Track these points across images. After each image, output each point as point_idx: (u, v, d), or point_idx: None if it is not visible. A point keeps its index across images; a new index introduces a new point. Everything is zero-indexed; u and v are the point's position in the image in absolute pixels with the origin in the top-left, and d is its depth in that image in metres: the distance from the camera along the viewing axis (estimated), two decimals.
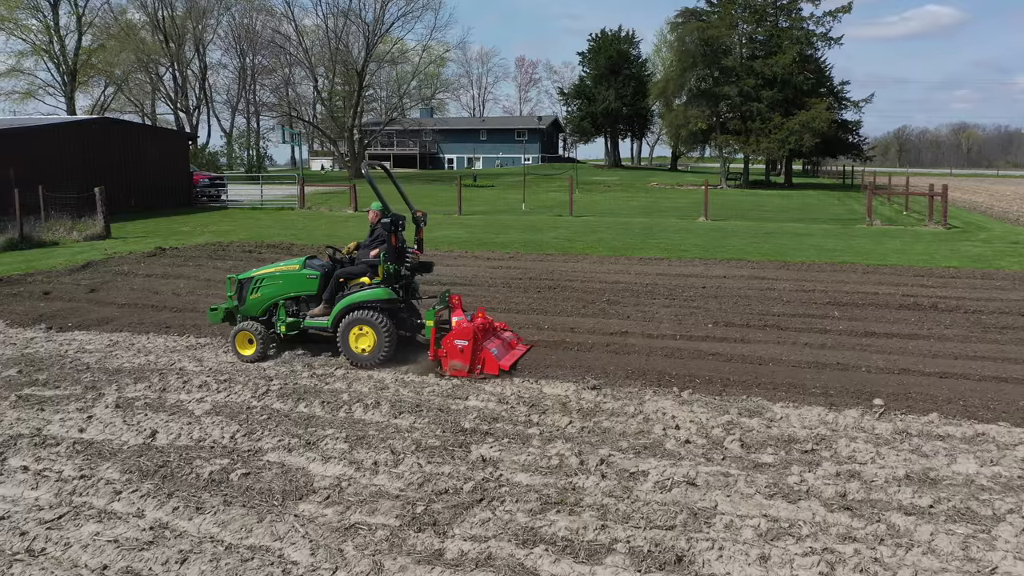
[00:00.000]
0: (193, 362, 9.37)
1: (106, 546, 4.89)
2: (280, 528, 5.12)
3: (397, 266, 9.13)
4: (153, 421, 7.19)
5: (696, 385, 8.34)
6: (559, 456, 6.34)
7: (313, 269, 9.53)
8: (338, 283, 9.36)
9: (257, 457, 6.40)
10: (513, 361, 8.99)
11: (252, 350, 9.43)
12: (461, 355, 8.63)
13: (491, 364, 8.68)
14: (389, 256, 9.04)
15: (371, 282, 9.17)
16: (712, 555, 4.81)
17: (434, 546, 4.92)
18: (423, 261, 9.73)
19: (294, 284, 9.54)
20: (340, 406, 7.62)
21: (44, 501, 5.61)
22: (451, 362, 8.68)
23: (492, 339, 9.11)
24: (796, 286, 14.31)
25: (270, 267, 9.91)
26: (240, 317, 9.80)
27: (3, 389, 8.29)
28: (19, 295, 13.63)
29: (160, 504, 5.49)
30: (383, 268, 9.02)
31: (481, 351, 8.72)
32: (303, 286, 9.52)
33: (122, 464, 6.22)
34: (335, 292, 9.33)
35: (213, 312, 10.03)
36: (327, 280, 9.44)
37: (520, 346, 9.65)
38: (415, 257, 9.59)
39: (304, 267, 9.58)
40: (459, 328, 8.76)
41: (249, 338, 9.46)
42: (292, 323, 9.53)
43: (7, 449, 6.54)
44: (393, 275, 9.07)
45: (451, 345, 8.67)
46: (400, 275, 9.22)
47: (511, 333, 9.77)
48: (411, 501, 5.53)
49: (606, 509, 5.44)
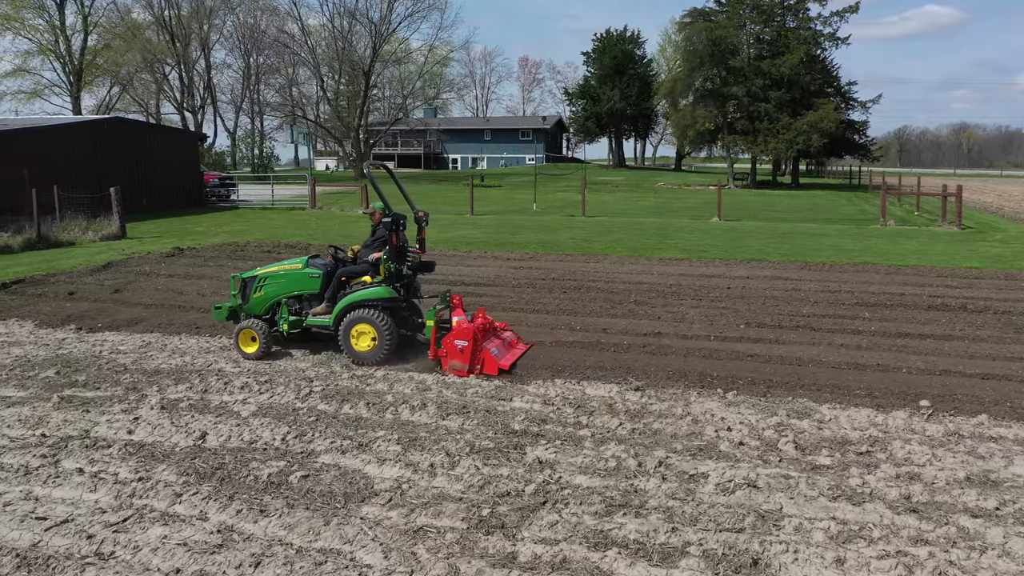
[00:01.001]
0: (230, 363, 9.34)
1: (176, 549, 4.86)
2: (348, 531, 5.09)
3: (398, 265, 9.20)
4: (201, 423, 7.16)
5: (739, 387, 8.30)
6: (615, 458, 6.31)
7: (315, 268, 9.63)
8: (340, 282, 9.44)
9: (311, 459, 6.37)
10: (513, 360, 9.02)
11: (255, 348, 9.53)
12: (461, 355, 8.68)
13: (490, 364, 8.71)
14: (390, 255, 9.11)
15: (372, 281, 9.23)
16: (787, 558, 4.78)
17: (506, 549, 4.89)
18: (424, 260, 9.79)
19: (297, 283, 9.65)
20: (386, 407, 7.58)
21: (104, 503, 5.58)
22: (451, 362, 8.74)
23: (492, 339, 9.16)
24: (821, 287, 14.27)
25: (273, 266, 10.03)
26: (244, 315, 9.90)
27: (43, 390, 8.26)
28: (44, 295, 13.60)
29: (223, 507, 5.46)
30: (384, 267, 9.09)
31: (481, 351, 8.76)
32: (306, 285, 9.62)
33: (177, 466, 6.19)
34: (337, 291, 9.42)
35: (217, 310, 10.14)
36: (329, 279, 9.54)
37: (520, 345, 9.66)
38: (416, 257, 9.64)
39: (307, 266, 9.69)
40: (459, 328, 8.82)
41: (252, 336, 9.56)
42: (295, 321, 9.62)
43: (59, 451, 6.51)
44: (394, 274, 9.15)
45: (451, 345, 8.73)
46: (401, 274, 9.29)
47: (511, 333, 9.80)
48: (475, 504, 5.50)
49: (672, 512, 5.41)
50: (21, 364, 9.32)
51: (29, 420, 7.31)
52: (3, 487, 5.85)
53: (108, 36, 59.22)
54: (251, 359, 9.46)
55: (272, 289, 9.73)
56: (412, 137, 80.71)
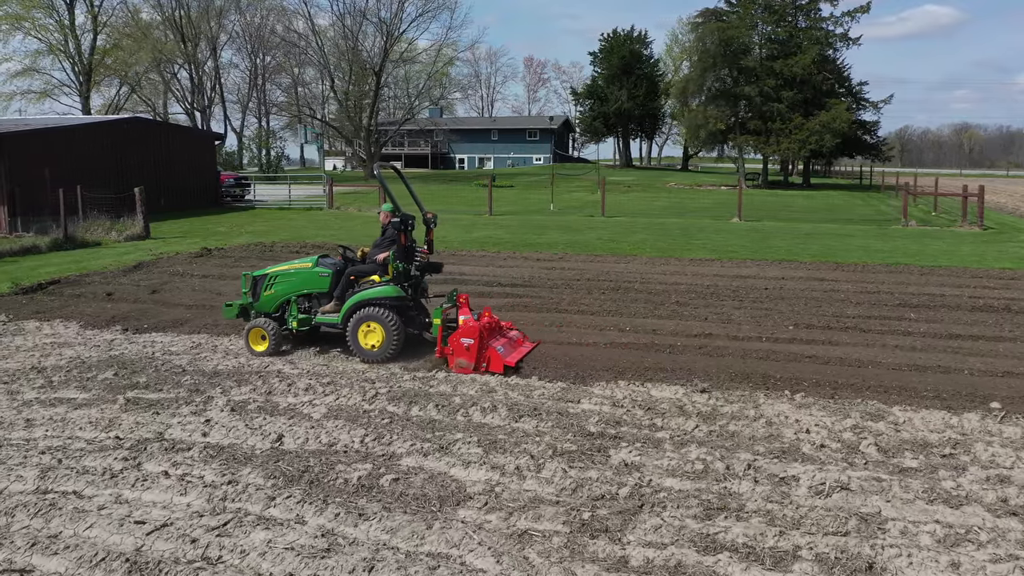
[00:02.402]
0: (287, 364, 9.31)
1: (285, 554, 4.82)
2: (453, 535, 5.05)
3: (406, 265, 9.30)
4: (274, 425, 7.13)
5: (805, 388, 8.26)
6: (701, 461, 6.27)
7: (325, 267, 9.76)
8: (349, 281, 9.56)
9: (394, 462, 6.33)
10: (519, 358, 9.08)
11: (265, 346, 9.64)
12: (467, 353, 8.77)
13: (496, 361, 8.80)
14: (398, 255, 9.23)
15: (380, 280, 9.35)
16: (902, 562, 4.74)
17: (616, 553, 4.86)
18: (432, 262, 9.88)
19: (306, 281, 9.78)
20: (456, 409, 7.55)
21: (198, 507, 5.55)
22: (457, 360, 8.82)
23: (498, 337, 9.23)
24: (859, 288, 14.22)
25: (284, 264, 10.17)
26: (254, 313, 9.99)
27: (106, 392, 8.23)
28: (83, 296, 13.57)
29: (319, 510, 5.42)
30: (392, 267, 9.22)
31: (487, 349, 8.84)
32: (315, 283, 9.74)
33: (262, 469, 6.15)
34: (346, 290, 9.53)
35: (228, 308, 10.23)
36: (338, 278, 9.65)
37: (526, 344, 9.70)
38: (424, 257, 9.72)
39: (316, 265, 9.82)
40: (465, 326, 8.93)
41: (262, 334, 9.67)
42: (304, 319, 9.74)
43: (139, 453, 6.48)
44: (402, 274, 9.26)
45: (457, 343, 8.82)
46: (409, 274, 9.39)
47: (517, 332, 9.86)
48: (573, 507, 5.46)
49: (772, 515, 5.37)
50: (76, 365, 9.29)
51: (100, 422, 7.28)
52: (92, 490, 5.82)
53: (117, 36, 59.18)
54: (260, 357, 9.56)
55: (282, 287, 9.84)
56: (419, 137, 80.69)
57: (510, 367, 8.81)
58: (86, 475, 6.05)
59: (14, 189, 23.80)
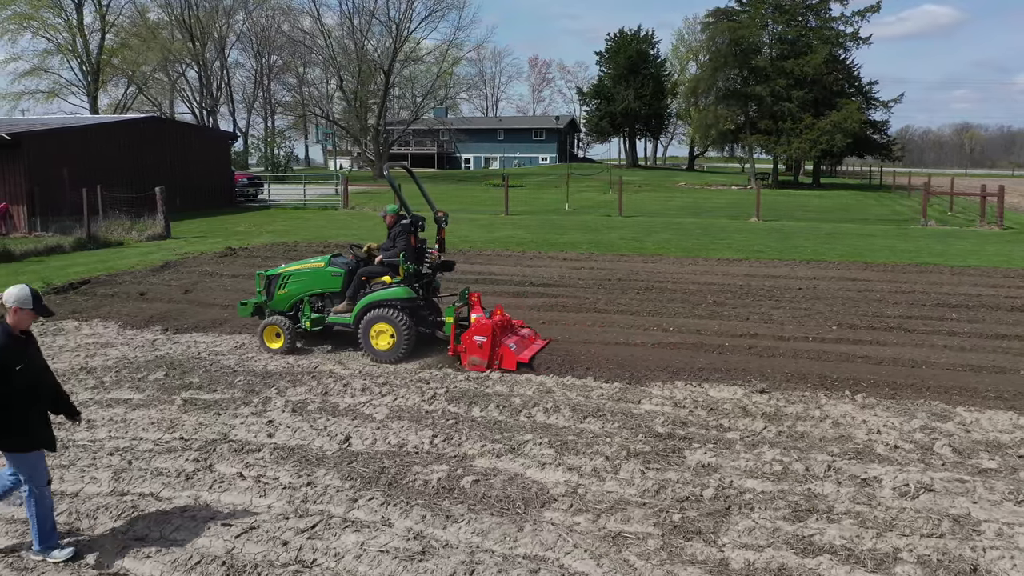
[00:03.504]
0: (337, 365, 9.26)
1: (380, 557, 4.77)
2: (546, 537, 5.00)
3: (416, 266, 9.38)
4: (339, 426, 7.07)
5: (864, 389, 8.20)
6: (778, 462, 6.22)
7: (337, 267, 9.86)
8: (361, 281, 9.63)
9: (468, 463, 6.28)
10: (531, 355, 9.12)
11: (280, 343, 9.74)
12: (480, 350, 8.84)
13: (509, 359, 8.86)
14: (408, 256, 9.28)
15: (392, 281, 9.41)
16: (1006, 564, 4.69)
17: (714, 556, 4.80)
18: (444, 260, 9.95)
19: (319, 281, 9.89)
20: (518, 410, 7.49)
21: (280, 509, 5.50)
22: (470, 357, 8.89)
23: (510, 335, 9.28)
24: (892, 287, 14.16)
25: (297, 264, 10.28)
26: (268, 311, 10.09)
27: (161, 392, 8.18)
28: (116, 296, 13.52)
29: (404, 512, 5.37)
30: (403, 268, 9.28)
31: (499, 346, 8.90)
32: (328, 283, 9.85)
33: (337, 470, 6.10)
34: (358, 290, 9.62)
35: (243, 306, 10.37)
36: (350, 278, 9.74)
37: (538, 341, 9.73)
38: (434, 257, 9.79)
39: (329, 265, 9.91)
40: (478, 324, 8.99)
41: (277, 332, 9.77)
42: (317, 319, 9.81)
43: (208, 455, 6.42)
44: (413, 274, 9.32)
45: (470, 341, 8.89)
46: (420, 274, 9.46)
47: (529, 330, 9.90)
48: (660, 509, 5.41)
49: (863, 516, 5.32)
50: (124, 366, 9.24)
51: (161, 423, 7.23)
52: (169, 492, 5.77)
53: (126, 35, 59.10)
54: (276, 354, 9.65)
55: (295, 287, 9.95)
56: (425, 137, 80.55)
57: (523, 364, 8.88)
58: (160, 477, 5.99)
59: (33, 188, 23.74)
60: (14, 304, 4.75)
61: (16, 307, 4.76)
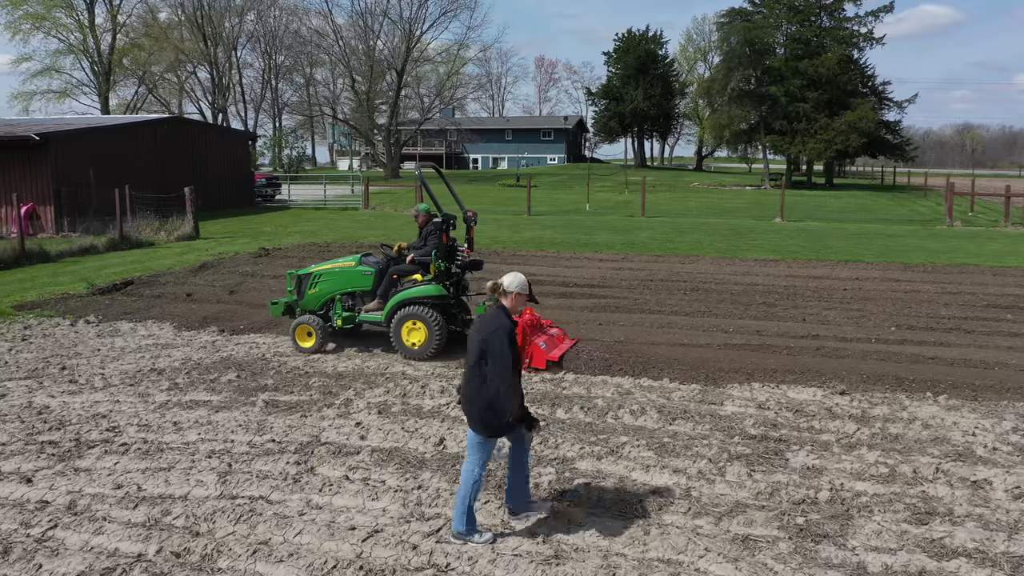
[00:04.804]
0: (407, 366, 9.23)
1: (516, 560, 4.74)
2: (676, 540, 4.97)
3: (447, 264, 9.47)
4: (430, 428, 7.05)
5: (944, 390, 8.17)
6: (883, 464, 6.20)
7: (368, 266, 9.95)
8: (391, 280, 9.72)
9: (570, 465, 6.26)
10: (561, 354, 9.18)
11: (312, 342, 9.83)
12: None
13: (539, 357, 8.92)
14: (440, 254, 9.37)
15: (423, 279, 9.49)
16: None
17: (850, 559, 4.78)
18: (473, 259, 10.03)
19: (350, 280, 9.98)
20: (603, 412, 7.47)
21: (395, 512, 5.47)
22: None
23: (539, 334, 9.32)
24: (939, 288, 14.13)
25: (328, 263, 10.37)
26: (299, 311, 10.18)
27: (237, 394, 8.15)
28: (163, 296, 13.50)
29: (525, 516, 5.34)
30: (435, 266, 9.37)
31: (530, 345, 8.92)
32: (359, 282, 9.95)
33: (442, 473, 6.08)
34: (389, 288, 9.71)
35: (274, 306, 10.51)
36: (381, 276, 9.84)
37: (567, 340, 9.76)
38: (465, 256, 9.87)
39: (360, 264, 9.99)
40: None
41: (309, 331, 9.86)
42: (348, 317, 9.91)
43: (307, 457, 6.40)
44: (444, 272, 9.41)
45: None
46: (450, 272, 9.55)
47: (558, 329, 9.94)
48: (781, 512, 5.38)
49: (985, 519, 5.30)
50: (192, 367, 9.22)
51: (249, 425, 7.21)
52: (279, 495, 5.74)
53: (137, 35, 59.09)
54: (308, 353, 9.74)
55: (326, 286, 10.02)
56: (433, 137, 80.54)
57: (553, 362, 8.94)
58: (267, 479, 5.97)
59: (60, 189, 23.73)
60: (516, 290, 5.07)
61: (517, 292, 5.07)
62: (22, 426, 7.24)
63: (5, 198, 23.24)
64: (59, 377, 8.85)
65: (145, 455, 6.50)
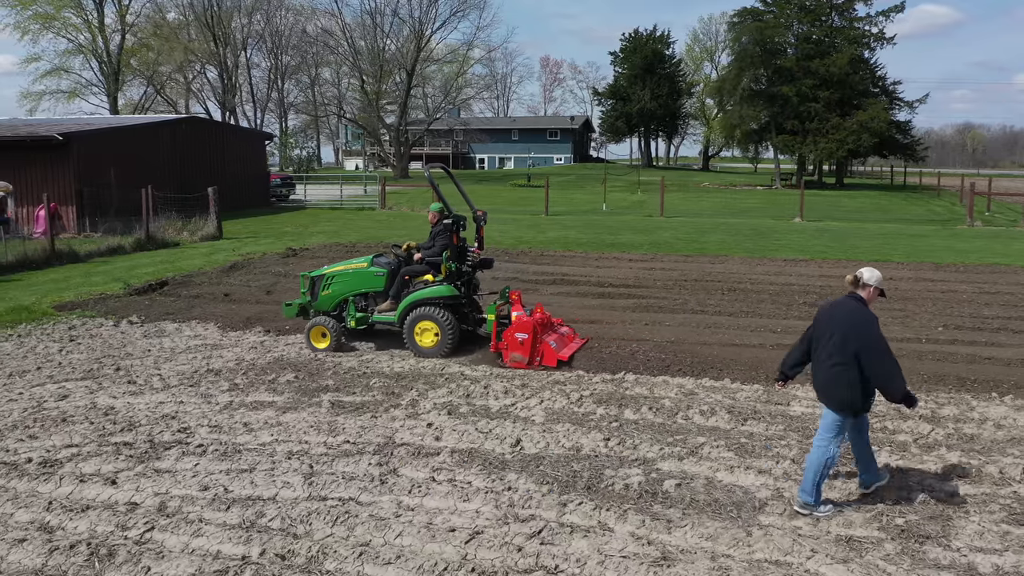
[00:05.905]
0: (466, 367, 9.22)
1: (625, 563, 4.73)
2: (780, 542, 4.96)
3: (458, 264, 9.55)
4: (503, 429, 7.04)
5: (1008, 390, 8.18)
6: (970, 466, 6.19)
7: (380, 267, 10.04)
8: (403, 280, 9.81)
9: (654, 466, 6.25)
10: (571, 353, 9.29)
11: (326, 343, 9.93)
12: (521, 347, 8.99)
13: (550, 356, 9.02)
14: (451, 254, 9.44)
15: (434, 280, 9.58)
16: None
17: (959, 560, 4.77)
18: (484, 258, 10.12)
19: (363, 281, 10.04)
20: (673, 413, 7.47)
21: (490, 513, 5.45)
22: (512, 354, 9.04)
23: (550, 333, 9.42)
24: (976, 288, 14.14)
25: (340, 265, 10.47)
26: (313, 312, 10.28)
27: (299, 395, 8.14)
28: (200, 297, 13.50)
29: (619, 517, 5.33)
30: (446, 266, 9.46)
31: (540, 344, 9.04)
32: (371, 283, 10.02)
33: (527, 474, 6.07)
34: (401, 289, 9.80)
35: (288, 307, 10.63)
36: (393, 277, 9.93)
37: (577, 340, 9.84)
38: (476, 255, 9.94)
39: (372, 265, 10.08)
40: (519, 322, 9.14)
41: (323, 332, 9.96)
42: (361, 318, 10.03)
43: (388, 458, 6.39)
44: (455, 273, 9.50)
45: (512, 338, 9.04)
46: (462, 272, 9.64)
47: (568, 328, 10.01)
48: (879, 512, 5.37)
49: None
50: (247, 368, 9.21)
51: (320, 426, 7.19)
52: (368, 497, 5.73)
53: (146, 35, 59.07)
54: (322, 354, 9.79)
55: (339, 287, 10.12)
56: (440, 137, 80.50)
57: (563, 361, 9.04)
58: (354, 481, 5.96)
59: (82, 189, 23.73)
60: (875, 284, 5.31)
61: (875, 287, 5.30)
62: (92, 427, 7.22)
63: (29, 197, 23.23)
64: (116, 378, 8.84)
65: (224, 456, 6.48)
